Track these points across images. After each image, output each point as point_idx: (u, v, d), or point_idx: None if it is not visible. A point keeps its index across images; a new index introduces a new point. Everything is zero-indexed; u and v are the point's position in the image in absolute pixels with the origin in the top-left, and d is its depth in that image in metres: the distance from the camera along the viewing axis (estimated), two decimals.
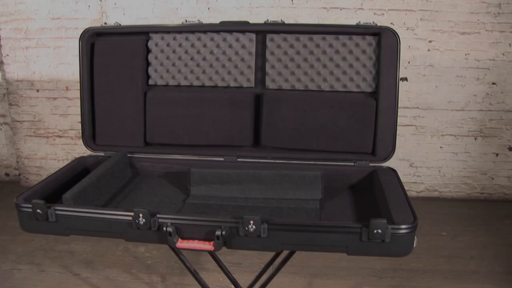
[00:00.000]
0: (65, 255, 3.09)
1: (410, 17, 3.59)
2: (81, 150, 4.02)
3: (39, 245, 3.20)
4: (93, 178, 1.83)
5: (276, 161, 2.12)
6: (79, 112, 3.75)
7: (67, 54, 3.81)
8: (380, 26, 1.97)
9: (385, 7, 3.61)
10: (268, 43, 2.06)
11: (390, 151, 2.03)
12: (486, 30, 3.54)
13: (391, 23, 3.59)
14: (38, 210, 1.60)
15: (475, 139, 3.79)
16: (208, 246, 1.53)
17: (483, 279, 2.83)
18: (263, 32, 2.07)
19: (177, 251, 1.91)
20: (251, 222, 1.47)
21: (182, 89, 2.16)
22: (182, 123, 2.14)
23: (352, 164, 2.07)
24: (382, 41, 1.97)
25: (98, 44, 2.13)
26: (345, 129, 2.06)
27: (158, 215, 1.54)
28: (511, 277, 2.84)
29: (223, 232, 1.50)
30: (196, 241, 1.55)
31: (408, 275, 2.89)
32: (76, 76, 3.83)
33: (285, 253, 1.95)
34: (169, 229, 1.52)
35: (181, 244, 1.55)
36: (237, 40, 2.07)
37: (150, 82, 2.17)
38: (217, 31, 2.08)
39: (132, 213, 1.54)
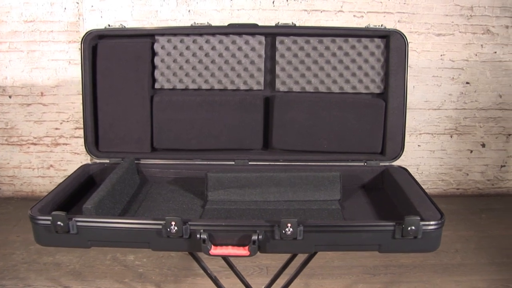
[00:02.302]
0: (51, 267, 2.95)
1: (388, 19, 3.69)
2: (57, 157, 3.89)
3: (21, 258, 3.05)
4: (108, 187, 1.76)
5: (287, 163, 2.13)
6: (55, 119, 3.75)
7: (42, 58, 3.64)
8: (389, 29, 2.02)
9: (364, 9, 3.69)
10: (278, 45, 2.06)
11: (399, 151, 2.09)
12: (460, 32, 3.70)
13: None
14: (59, 223, 1.52)
15: (451, 136, 3.95)
16: (243, 251, 1.51)
17: (470, 271, 2.95)
18: (272, 35, 2.07)
19: (198, 258, 1.87)
20: (289, 225, 1.46)
21: (190, 92, 2.12)
22: (191, 127, 2.10)
23: (363, 164, 2.11)
24: (391, 43, 2.02)
25: (100, 47, 2.06)
26: (355, 130, 2.09)
27: (189, 223, 1.51)
28: (495, 267, 2.98)
29: (260, 237, 1.48)
30: (230, 247, 1.52)
31: (399, 271, 2.96)
32: (52, 81, 3.70)
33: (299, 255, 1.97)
34: (203, 236, 1.49)
35: (214, 251, 1.52)
36: (247, 42, 2.06)
37: (156, 86, 2.11)
38: (226, 34, 2.05)
39: (163, 222, 1.49)
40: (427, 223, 1.52)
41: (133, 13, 3.65)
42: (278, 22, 2.05)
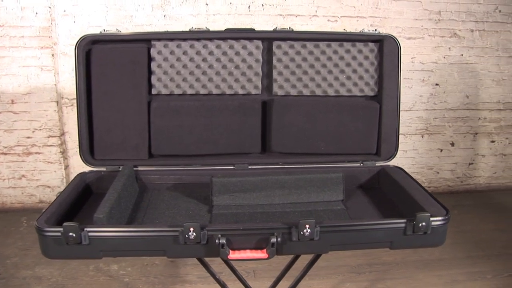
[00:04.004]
0: (32, 282, 2.84)
1: (362, 23, 3.80)
2: (29, 167, 3.75)
3: None
4: (115, 195, 1.72)
5: (286, 166, 2.15)
6: (27, 127, 3.62)
7: (12, 64, 3.51)
8: (382, 34, 2.08)
9: (338, 14, 3.79)
10: (275, 50, 2.08)
11: (393, 151, 2.16)
12: (429, 35, 3.87)
13: (344, 29, 3.78)
14: (71, 234, 1.47)
15: (422, 136, 4.11)
16: (261, 254, 1.51)
17: (449, 265, 3.08)
18: (268, 39, 2.09)
19: (206, 264, 1.85)
20: (307, 226, 1.48)
21: (188, 98, 2.10)
22: (189, 133, 2.09)
23: (359, 164, 2.17)
24: (384, 48, 2.08)
25: (95, 52, 2.00)
26: (351, 132, 2.14)
27: (207, 228, 1.50)
28: (472, 261, 3.13)
29: (278, 239, 1.49)
30: (247, 250, 1.53)
31: (383, 268, 3.05)
32: (23, 88, 3.58)
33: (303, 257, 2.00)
34: (222, 240, 1.48)
35: (233, 255, 1.51)
36: (244, 47, 2.07)
37: (153, 91, 2.08)
38: (224, 38, 2.05)
39: (181, 228, 1.48)
40: (435, 218, 1.59)
41: (108, 18, 3.59)
42: (276, 27, 2.08)
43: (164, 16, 3.66)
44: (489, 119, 4.14)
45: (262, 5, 3.73)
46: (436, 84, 3.98)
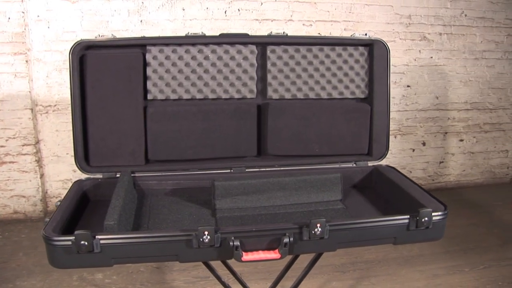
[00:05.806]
0: None
1: (335, 27, 3.90)
2: (3, 177, 3.64)
3: None
4: (120, 202, 1.70)
5: (282, 168, 2.19)
6: (0, 136, 3.50)
7: None
8: (372, 38, 2.16)
9: (313, 18, 3.87)
10: (269, 54, 2.12)
11: (384, 151, 2.23)
12: (400, 39, 4.00)
13: (319, 33, 3.86)
14: (83, 242, 1.45)
15: (395, 137, 4.24)
16: (274, 255, 1.54)
17: (428, 260, 3.20)
18: (262, 44, 2.12)
19: (212, 267, 1.86)
20: (318, 225, 1.52)
21: (183, 102, 2.10)
22: (186, 138, 2.09)
23: (352, 165, 2.23)
24: (374, 51, 2.16)
25: (89, 58, 1.98)
26: (343, 133, 2.20)
27: (221, 231, 1.51)
28: (449, 255, 3.27)
29: (291, 239, 1.53)
30: (260, 251, 1.55)
31: (366, 266, 3.13)
32: None
33: (302, 258, 2.04)
34: (236, 243, 1.50)
35: (246, 257, 1.53)
36: (239, 52, 2.09)
37: (149, 97, 2.07)
38: (219, 43, 2.07)
39: (195, 232, 1.49)
40: (436, 213, 1.66)
41: (83, 24, 3.52)
42: (271, 32, 2.11)
43: (141, 21, 3.63)
44: (458, 119, 4.33)
45: (238, 10, 3.76)
46: (408, 86, 4.13)
